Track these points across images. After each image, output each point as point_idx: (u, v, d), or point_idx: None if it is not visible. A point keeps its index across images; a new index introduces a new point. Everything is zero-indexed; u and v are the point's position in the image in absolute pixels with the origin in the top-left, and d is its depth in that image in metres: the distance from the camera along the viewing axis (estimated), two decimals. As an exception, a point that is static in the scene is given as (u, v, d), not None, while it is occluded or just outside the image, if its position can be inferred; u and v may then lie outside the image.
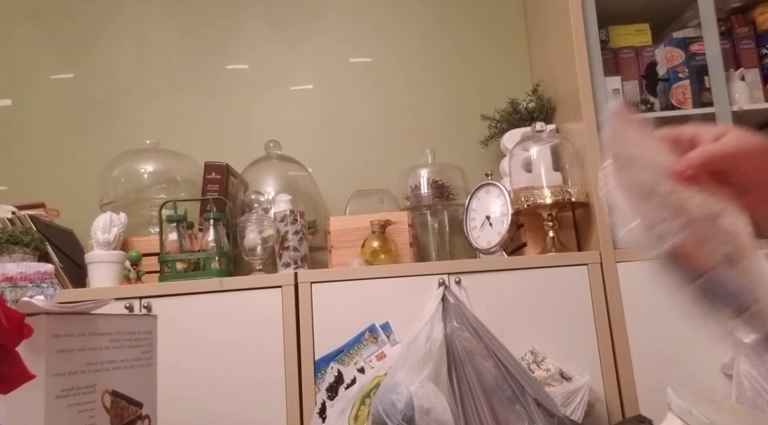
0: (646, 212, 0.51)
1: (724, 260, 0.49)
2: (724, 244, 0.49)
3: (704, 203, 0.51)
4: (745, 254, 0.49)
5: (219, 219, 1.57)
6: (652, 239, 0.50)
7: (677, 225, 0.50)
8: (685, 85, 1.65)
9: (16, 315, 0.48)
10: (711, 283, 0.48)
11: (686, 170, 0.51)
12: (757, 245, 0.51)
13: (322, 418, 1.35)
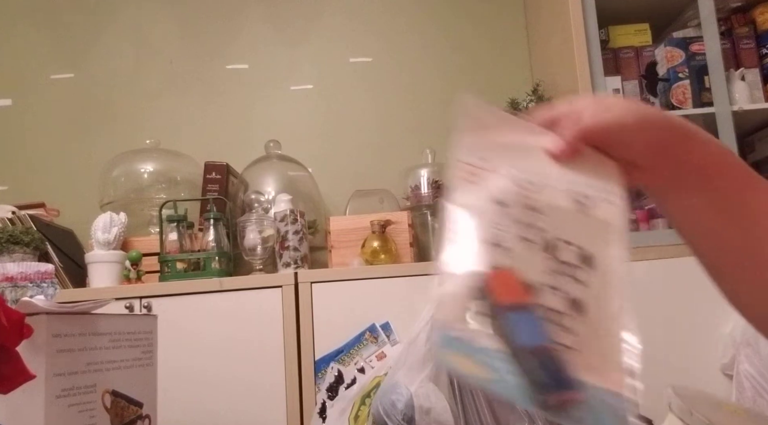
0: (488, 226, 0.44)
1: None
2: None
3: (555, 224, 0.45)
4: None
5: (219, 219, 1.57)
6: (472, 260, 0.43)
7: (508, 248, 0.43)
8: (685, 85, 1.65)
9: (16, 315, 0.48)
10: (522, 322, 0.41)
11: (562, 149, 0.47)
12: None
13: (322, 418, 1.35)
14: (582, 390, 0.39)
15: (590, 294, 0.42)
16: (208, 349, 1.38)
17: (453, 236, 0.43)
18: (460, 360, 0.37)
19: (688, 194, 0.48)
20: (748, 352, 1.27)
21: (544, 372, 0.38)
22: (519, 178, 0.46)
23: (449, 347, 0.38)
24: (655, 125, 0.46)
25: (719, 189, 0.47)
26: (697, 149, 0.47)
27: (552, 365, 0.38)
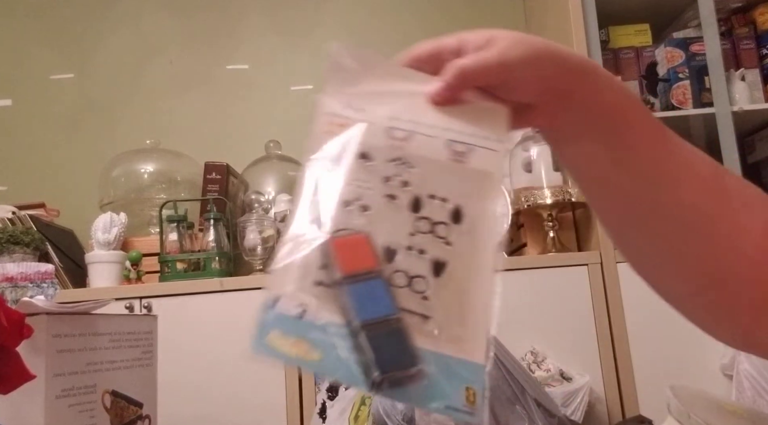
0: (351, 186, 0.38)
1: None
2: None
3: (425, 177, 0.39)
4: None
5: (219, 219, 1.57)
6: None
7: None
8: (685, 85, 1.65)
9: (16, 315, 0.48)
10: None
11: (440, 94, 0.41)
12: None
13: (322, 418, 1.35)
14: (429, 362, 0.34)
15: (454, 254, 0.37)
16: (208, 349, 1.38)
17: (306, 197, 0.38)
18: (285, 343, 0.33)
19: (588, 141, 0.43)
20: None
21: (385, 348, 0.34)
22: (388, 127, 0.41)
23: (278, 327, 0.33)
24: (545, 61, 0.40)
25: (625, 141, 0.42)
26: (596, 91, 0.42)
27: (395, 339, 0.34)
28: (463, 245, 0.38)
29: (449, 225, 0.38)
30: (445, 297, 0.36)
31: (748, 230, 0.42)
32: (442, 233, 0.38)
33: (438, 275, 0.37)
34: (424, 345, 0.35)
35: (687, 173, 0.42)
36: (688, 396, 0.60)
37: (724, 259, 0.42)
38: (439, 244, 0.38)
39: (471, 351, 0.36)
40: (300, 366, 0.33)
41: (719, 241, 0.42)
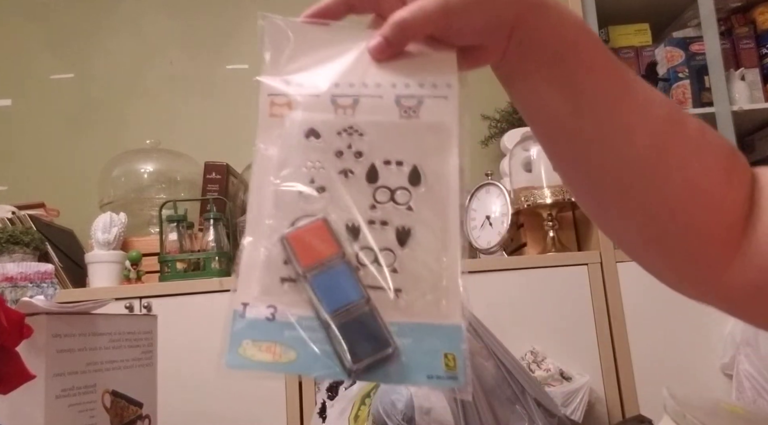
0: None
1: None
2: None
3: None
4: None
5: (219, 219, 1.57)
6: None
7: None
8: (685, 85, 1.65)
9: (16, 315, 0.48)
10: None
11: (381, 49, 0.39)
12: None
13: (322, 418, 1.35)
14: (405, 336, 0.33)
15: (417, 219, 0.36)
16: (208, 349, 1.38)
17: (260, 190, 0.36)
18: (258, 350, 0.32)
19: (539, 80, 0.41)
20: (748, 352, 1.27)
21: (356, 335, 0.32)
22: (333, 96, 0.38)
23: (249, 336, 0.32)
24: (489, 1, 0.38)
25: (578, 82, 0.40)
26: (549, 25, 0.39)
27: (366, 323, 0.33)
28: (425, 207, 0.36)
29: (408, 189, 0.36)
30: (414, 266, 0.35)
31: (706, 173, 0.41)
32: (402, 200, 0.36)
33: (404, 245, 0.35)
34: (398, 319, 0.33)
35: (643, 116, 0.41)
36: (684, 397, 0.60)
37: (683, 203, 0.41)
38: (401, 211, 0.36)
39: (446, 315, 0.34)
40: (277, 370, 0.32)
41: (676, 185, 0.41)
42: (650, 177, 0.41)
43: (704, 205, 0.41)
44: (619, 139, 0.41)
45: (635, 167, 0.41)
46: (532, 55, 0.40)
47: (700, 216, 0.41)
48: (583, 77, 0.40)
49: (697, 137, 0.42)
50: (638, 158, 0.41)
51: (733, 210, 0.42)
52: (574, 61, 0.40)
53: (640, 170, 0.41)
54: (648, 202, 0.41)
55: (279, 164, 0.36)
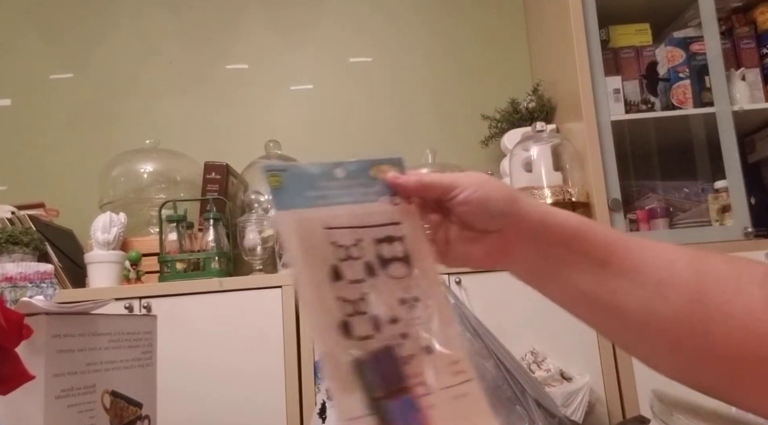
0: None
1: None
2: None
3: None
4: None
5: (219, 219, 1.57)
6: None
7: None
8: (685, 84, 1.65)
9: (15, 316, 0.48)
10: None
11: (397, 180, 0.49)
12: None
13: (322, 418, 1.35)
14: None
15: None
16: (207, 350, 1.38)
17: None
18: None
19: (573, 273, 0.47)
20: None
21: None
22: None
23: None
24: (493, 191, 0.49)
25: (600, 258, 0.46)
26: (540, 212, 0.48)
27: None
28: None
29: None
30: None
31: (750, 305, 0.41)
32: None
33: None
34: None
35: (666, 274, 0.44)
36: (671, 397, 0.60)
37: (737, 345, 0.41)
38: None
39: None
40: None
41: (723, 329, 0.41)
42: (694, 328, 0.42)
43: (758, 334, 0.40)
44: (650, 299, 0.43)
45: (675, 323, 0.42)
46: (541, 247, 0.48)
47: (759, 346, 0.40)
48: (600, 252, 0.46)
49: (727, 276, 0.42)
50: (675, 314, 0.42)
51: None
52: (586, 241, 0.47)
53: (680, 325, 0.42)
54: (702, 352, 0.42)
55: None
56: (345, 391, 0.40)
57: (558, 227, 0.47)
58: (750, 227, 1.53)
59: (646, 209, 1.68)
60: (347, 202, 0.48)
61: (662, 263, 0.44)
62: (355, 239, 0.45)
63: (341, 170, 0.50)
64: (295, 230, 0.44)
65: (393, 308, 0.44)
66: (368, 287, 0.44)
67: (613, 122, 1.58)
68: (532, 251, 0.49)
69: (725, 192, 1.59)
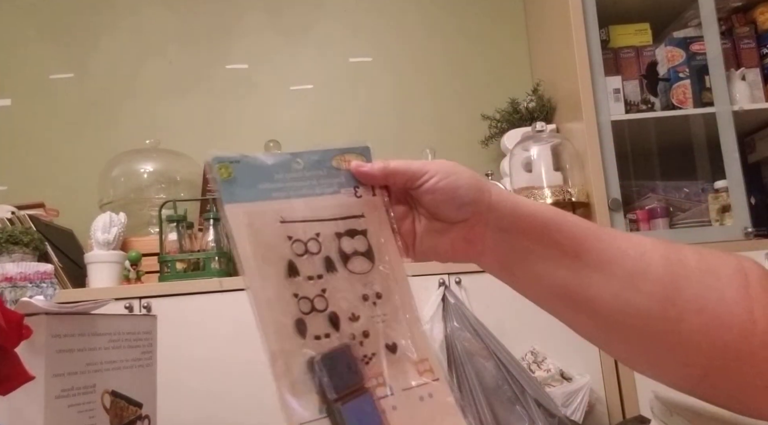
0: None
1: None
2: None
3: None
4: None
5: (219, 219, 1.56)
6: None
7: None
8: (685, 84, 1.65)
9: (15, 316, 0.48)
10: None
11: (364, 168, 0.48)
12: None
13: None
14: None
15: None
16: (207, 349, 1.38)
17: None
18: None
19: (541, 261, 0.47)
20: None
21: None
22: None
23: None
24: (463, 182, 0.49)
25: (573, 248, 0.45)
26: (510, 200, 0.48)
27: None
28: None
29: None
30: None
31: (722, 298, 0.41)
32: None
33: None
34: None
35: (640, 265, 0.43)
36: (672, 398, 0.60)
37: (710, 335, 0.41)
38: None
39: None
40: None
41: (695, 321, 0.41)
42: (668, 320, 0.41)
43: (731, 327, 0.40)
44: (623, 291, 0.42)
45: (649, 315, 0.42)
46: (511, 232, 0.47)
47: (732, 341, 0.40)
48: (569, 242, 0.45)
49: (700, 268, 0.42)
50: (648, 306, 0.42)
51: (764, 318, 0.41)
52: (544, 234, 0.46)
53: (654, 318, 0.42)
54: (683, 345, 0.41)
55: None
56: (296, 393, 0.38)
57: (528, 218, 0.46)
58: (750, 227, 1.53)
59: (646, 209, 1.68)
60: (307, 194, 0.45)
61: (635, 255, 0.43)
62: (314, 233, 0.43)
63: (301, 160, 0.46)
64: (246, 225, 0.42)
65: (354, 305, 0.42)
66: (327, 283, 0.42)
67: (613, 122, 1.58)
68: (501, 243, 0.47)
69: (725, 192, 1.59)
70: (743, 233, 1.53)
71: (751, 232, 1.53)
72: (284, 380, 0.38)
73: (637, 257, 0.43)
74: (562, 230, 0.45)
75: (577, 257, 0.44)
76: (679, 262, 0.42)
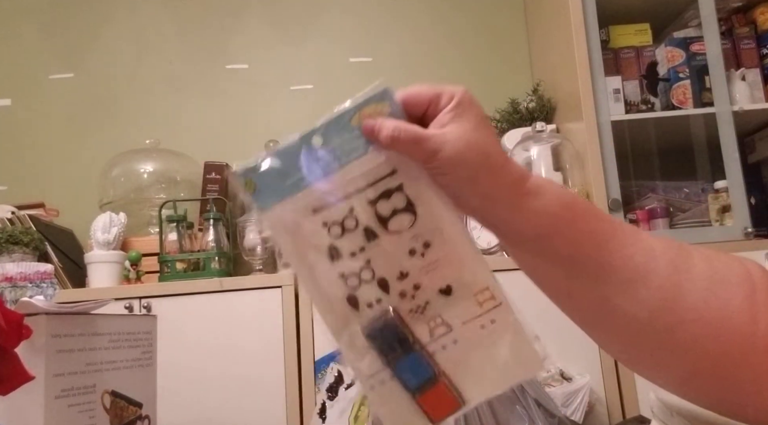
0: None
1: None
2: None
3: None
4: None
5: (219, 219, 1.57)
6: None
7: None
8: (685, 85, 1.65)
9: (14, 316, 0.48)
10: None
11: (374, 133, 0.43)
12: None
13: (322, 418, 1.35)
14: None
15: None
16: (207, 349, 1.38)
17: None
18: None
19: (532, 253, 0.45)
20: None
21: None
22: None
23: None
24: (475, 168, 0.42)
25: (558, 251, 0.43)
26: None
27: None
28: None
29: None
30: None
31: (726, 305, 0.40)
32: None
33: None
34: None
35: (645, 269, 0.41)
36: (672, 399, 0.60)
37: (709, 341, 0.40)
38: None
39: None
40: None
41: (696, 328, 0.40)
42: (666, 327, 0.40)
43: (732, 335, 0.40)
44: (621, 297, 0.41)
45: (648, 322, 0.41)
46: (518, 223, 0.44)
47: (730, 349, 0.39)
48: (565, 247, 0.43)
49: (707, 274, 0.41)
50: (647, 313, 0.41)
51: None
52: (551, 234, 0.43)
53: (653, 322, 0.41)
54: (673, 349, 0.41)
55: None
56: (360, 358, 0.41)
57: (529, 228, 0.43)
58: (750, 227, 1.53)
59: (646, 209, 1.68)
60: (334, 169, 0.43)
61: (640, 262, 0.42)
62: (348, 210, 0.43)
63: (318, 136, 0.45)
64: (282, 227, 0.43)
65: (401, 263, 0.42)
66: (370, 252, 0.42)
67: (613, 122, 1.58)
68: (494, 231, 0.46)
69: (725, 192, 1.59)
70: (743, 233, 1.53)
71: (751, 232, 1.53)
72: (350, 352, 0.42)
73: (641, 264, 0.41)
74: (563, 238, 0.43)
75: (574, 263, 0.43)
76: (686, 270, 0.41)
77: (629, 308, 0.41)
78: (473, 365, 0.42)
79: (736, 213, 1.55)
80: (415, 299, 0.42)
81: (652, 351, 0.42)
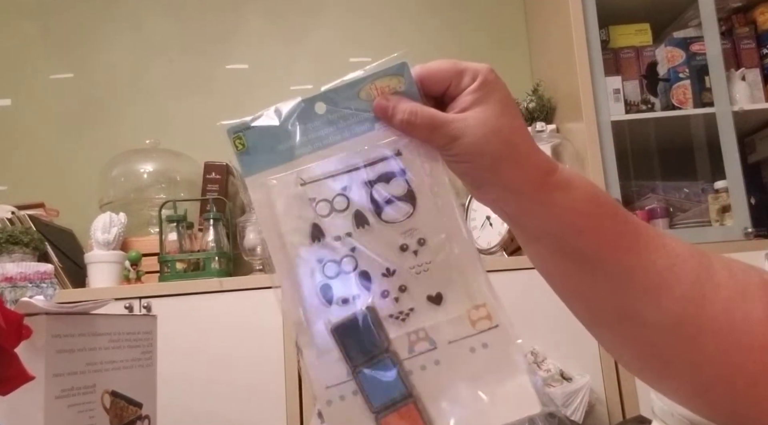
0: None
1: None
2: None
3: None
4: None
5: (219, 219, 1.57)
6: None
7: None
8: (685, 85, 1.65)
9: (14, 316, 0.48)
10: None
11: (389, 116, 0.39)
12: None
13: (322, 419, 1.35)
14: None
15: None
16: (207, 349, 1.38)
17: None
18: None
19: (541, 245, 0.43)
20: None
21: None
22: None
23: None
24: (497, 160, 0.39)
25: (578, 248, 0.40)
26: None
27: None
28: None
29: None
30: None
31: (747, 316, 0.37)
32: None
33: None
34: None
35: (669, 277, 0.39)
36: (671, 401, 0.60)
37: (727, 354, 0.38)
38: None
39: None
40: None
41: (716, 340, 0.38)
42: (687, 337, 0.38)
43: (752, 349, 0.37)
44: (642, 303, 0.38)
45: (669, 331, 0.38)
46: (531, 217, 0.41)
47: (750, 363, 0.37)
48: (586, 247, 0.39)
49: (729, 283, 0.39)
50: (669, 322, 0.38)
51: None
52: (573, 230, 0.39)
53: (675, 332, 0.38)
54: (692, 361, 0.38)
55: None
56: (321, 360, 0.37)
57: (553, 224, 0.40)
58: (750, 227, 1.53)
59: (646, 209, 1.68)
60: (334, 142, 0.39)
61: (663, 266, 0.39)
62: (341, 188, 0.38)
63: (322, 103, 0.40)
64: (265, 196, 0.39)
65: (389, 258, 0.37)
66: (358, 240, 0.38)
67: (613, 122, 1.58)
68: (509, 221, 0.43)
69: (725, 192, 1.59)
70: (743, 233, 1.53)
71: (751, 232, 1.53)
72: (310, 353, 0.37)
73: (665, 270, 0.39)
74: (586, 239, 0.40)
75: (595, 266, 0.40)
76: (709, 278, 0.39)
77: (650, 316, 0.38)
78: (454, 394, 0.36)
79: (736, 213, 1.55)
80: (398, 303, 0.37)
81: (669, 361, 0.39)
